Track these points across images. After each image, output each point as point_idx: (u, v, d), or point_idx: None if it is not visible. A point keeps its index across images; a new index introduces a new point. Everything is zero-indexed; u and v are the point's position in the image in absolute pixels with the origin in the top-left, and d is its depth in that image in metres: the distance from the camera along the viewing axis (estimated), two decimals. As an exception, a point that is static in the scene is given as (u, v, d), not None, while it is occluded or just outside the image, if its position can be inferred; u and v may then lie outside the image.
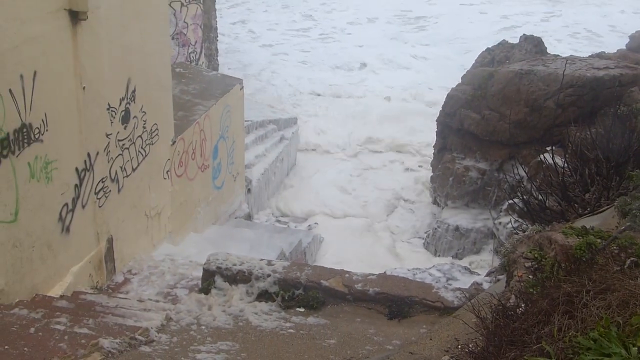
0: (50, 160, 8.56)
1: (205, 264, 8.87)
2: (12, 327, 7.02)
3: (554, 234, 3.46)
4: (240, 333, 7.39)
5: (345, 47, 30.55)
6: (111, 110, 9.92)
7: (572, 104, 15.14)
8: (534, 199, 10.74)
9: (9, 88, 7.64)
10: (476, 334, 3.40)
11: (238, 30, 32.99)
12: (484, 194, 16.38)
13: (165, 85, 11.81)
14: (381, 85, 26.41)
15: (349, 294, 8.23)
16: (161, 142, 11.77)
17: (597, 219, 7.40)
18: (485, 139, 16.38)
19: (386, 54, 29.96)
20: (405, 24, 34.71)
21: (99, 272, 10.08)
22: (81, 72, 8.93)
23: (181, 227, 13.07)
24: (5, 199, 7.82)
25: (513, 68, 16.41)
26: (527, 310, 3.11)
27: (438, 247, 16.44)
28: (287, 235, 14.20)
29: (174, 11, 17.48)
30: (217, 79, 16.20)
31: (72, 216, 9.21)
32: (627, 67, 15.70)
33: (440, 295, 8.15)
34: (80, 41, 8.78)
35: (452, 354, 4.20)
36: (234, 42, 30.95)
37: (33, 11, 7.89)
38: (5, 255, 7.96)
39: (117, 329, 7.27)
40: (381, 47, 30.66)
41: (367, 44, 31.01)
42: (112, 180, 10.24)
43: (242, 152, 16.29)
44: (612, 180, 8.87)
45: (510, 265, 3.81)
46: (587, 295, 3.00)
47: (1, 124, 7.58)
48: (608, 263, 3.27)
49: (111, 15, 9.47)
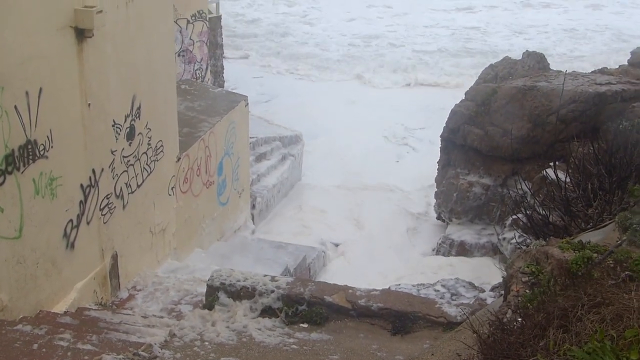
0: (55, 176, 8.57)
1: (209, 280, 8.86)
2: (16, 343, 7.01)
3: (551, 249, 3.45)
4: (244, 349, 7.37)
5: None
6: (116, 127, 9.94)
7: (575, 120, 15.13)
8: (537, 214, 10.72)
9: (15, 104, 7.67)
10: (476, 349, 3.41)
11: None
12: (488, 210, 16.33)
13: (170, 102, 11.85)
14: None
15: (352, 310, 8.20)
16: (166, 159, 11.78)
17: (599, 234, 7.36)
18: (488, 155, 16.36)
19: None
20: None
21: (104, 289, 10.06)
22: (86, 89, 8.97)
23: (186, 243, 13.06)
24: (10, 215, 7.83)
25: (516, 84, 16.41)
26: (523, 324, 3.11)
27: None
28: (291, 251, 14.17)
29: (180, 28, 17.56)
30: (222, 96, 16.26)
31: (76, 232, 9.21)
32: (629, 83, 15.70)
33: (443, 311, 8.12)
34: (85, 58, 8.83)
35: (453, 369, 4.18)
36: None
37: (39, 28, 7.94)
38: (10, 272, 7.95)
39: (120, 345, 7.25)
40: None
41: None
42: (117, 197, 10.24)
43: (247, 168, 16.30)
44: (615, 195, 8.84)
45: (508, 280, 3.80)
46: (582, 309, 3.01)
47: (6, 140, 7.60)
48: (603, 277, 3.27)
49: (117, 33, 9.53)
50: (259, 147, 18.42)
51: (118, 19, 9.51)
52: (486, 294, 9.59)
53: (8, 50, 7.43)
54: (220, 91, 17.27)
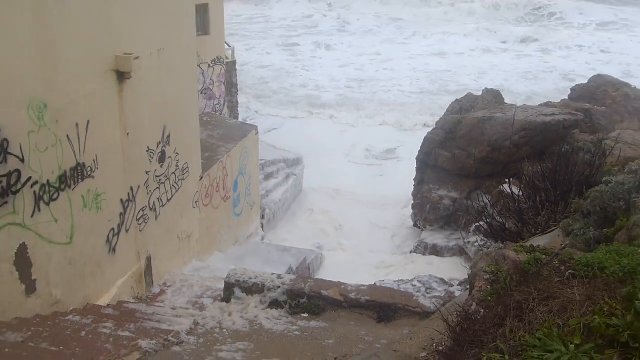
0: (100, 193, 8.57)
1: (227, 278, 8.83)
2: (67, 330, 6.98)
3: (508, 252, 3.45)
4: (255, 335, 7.33)
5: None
6: (150, 152, 9.95)
7: (526, 144, 15.16)
8: (496, 222, 10.72)
9: (67, 134, 7.70)
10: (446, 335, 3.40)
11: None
12: (456, 218, 16.33)
13: (194, 131, 11.87)
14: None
15: (344, 302, 8.17)
16: (191, 178, 11.79)
17: (547, 238, 7.36)
18: (455, 173, 16.38)
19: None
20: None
21: (140, 285, 10.03)
22: (125, 121, 8.99)
23: (207, 247, 13.03)
24: (63, 225, 7.82)
25: (477, 115, 16.46)
26: (485, 315, 3.09)
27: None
28: (294, 254, 14.12)
29: (202, 71, 17.62)
30: (237, 126, 16.29)
31: (117, 239, 9.20)
32: (569, 114, 15.76)
33: (420, 303, 8.09)
34: (125, 96, 8.86)
35: (428, 351, 4.16)
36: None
37: (87, 72, 7.98)
38: (62, 272, 7.94)
39: (153, 332, 7.23)
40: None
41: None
42: (151, 209, 10.23)
43: (257, 185, 16.31)
44: (559, 206, 8.86)
45: (472, 277, 3.78)
46: (534, 302, 2.99)
47: (60, 163, 7.62)
48: (551, 275, 3.26)
49: (151, 75, 9.56)
50: (267, 168, 18.42)
51: (151, 64, 9.55)
52: (455, 288, 9.56)
53: (62, 90, 7.46)
54: (235, 122, 17.32)
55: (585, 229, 5.91)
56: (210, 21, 17.63)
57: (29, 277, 7.36)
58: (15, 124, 6.81)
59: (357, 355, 6.46)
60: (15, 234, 7.04)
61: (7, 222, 6.88)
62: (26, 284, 7.33)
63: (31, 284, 7.41)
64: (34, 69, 7.00)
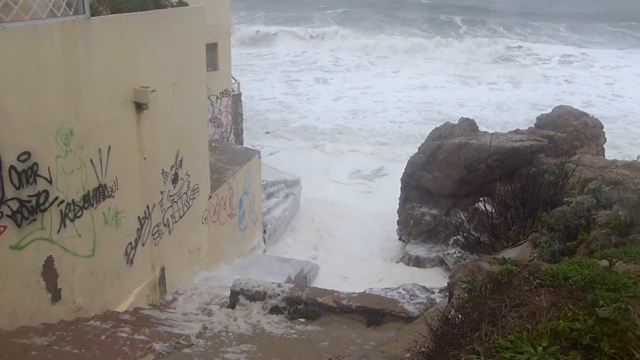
0: (119, 210, 8.54)
1: (232, 287, 8.79)
2: (88, 335, 6.91)
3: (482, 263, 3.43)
4: (258, 338, 7.28)
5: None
6: (164, 174, 9.94)
7: (498, 167, 15.22)
8: (471, 236, 10.73)
9: (90, 158, 7.70)
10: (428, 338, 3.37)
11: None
12: (436, 233, 16.32)
13: (204, 155, 11.87)
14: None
15: (337, 308, 8.13)
16: (201, 197, 11.76)
17: (517, 250, 7.37)
18: (435, 193, 16.40)
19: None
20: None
21: (154, 293, 9.95)
22: (143, 146, 8.99)
23: (215, 259, 12.95)
24: (86, 239, 7.79)
25: (455, 141, 16.54)
26: (463, 320, 3.07)
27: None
28: (293, 264, 14.04)
29: (211, 102, 17.67)
30: (242, 151, 16.29)
31: (134, 252, 9.14)
32: (535, 140, 15.84)
33: (404, 308, 8.06)
34: (142, 124, 8.88)
35: (412, 352, 4.13)
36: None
37: (109, 102, 8.01)
38: (85, 281, 7.88)
39: (166, 335, 7.16)
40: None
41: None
42: (165, 225, 10.19)
43: (260, 203, 16.26)
44: (527, 222, 8.87)
45: (451, 286, 3.76)
46: (506, 308, 2.97)
47: (84, 184, 7.60)
48: (521, 284, 3.24)
49: (166, 106, 9.59)
50: (268, 188, 18.38)
51: (166, 96, 9.59)
52: (435, 295, 9.51)
53: (86, 118, 7.47)
54: (240, 147, 17.32)
55: (551, 243, 5.91)
56: (218, 58, 17.74)
57: (55, 286, 7.30)
58: (44, 149, 6.81)
59: (349, 356, 6.41)
60: (42, 248, 7.00)
61: (35, 237, 6.85)
62: (52, 293, 7.27)
63: (56, 292, 7.35)
64: (62, 100, 7.02)
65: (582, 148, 17.18)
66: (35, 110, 6.60)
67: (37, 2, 6.60)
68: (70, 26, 7.02)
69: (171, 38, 9.68)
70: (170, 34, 9.65)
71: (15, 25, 6.26)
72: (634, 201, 5.44)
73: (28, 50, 6.41)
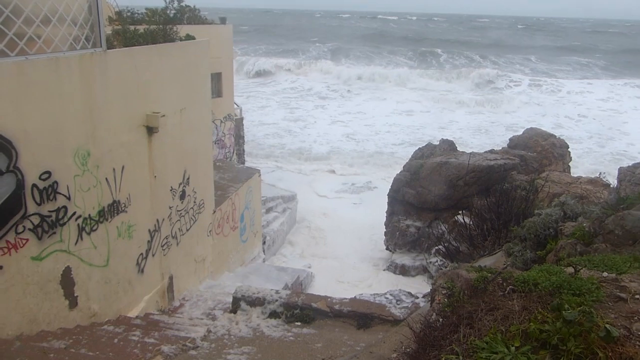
0: (132, 224, 8.50)
1: (234, 293, 8.72)
2: (102, 338, 6.83)
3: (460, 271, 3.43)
4: (257, 340, 7.22)
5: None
6: (173, 191, 9.92)
7: (475, 183, 15.29)
8: (451, 245, 10.73)
9: (105, 177, 7.67)
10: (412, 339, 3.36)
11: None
12: (420, 243, 16.32)
13: (209, 174, 11.86)
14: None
15: (330, 312, 8.08)
16: (206, 212, 11.72)
17: (492, 259, 7.36)
18: (419, 207, 16.44)
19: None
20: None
21: (163, 300, 9.87)
22: (153, 166, 8.98)
23: (219, 268, 12.88)
24: (101, 250, 7.74)
25: (436, 160, 16.62)
26: (443, 323, 3.06)
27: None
28: (289, 272, 13.98)
29: (216, 126, 17.70)
30: (243, 170, 16.29)
31: (145, 262, 9.08)
32: (508, 159, 15.95)
33: (391, 312, 8.02)
34: (153, 146, 8.88)
35: (398, 353, 4.10)
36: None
37: (123, 127, 8.01)
38: (100, 289, 7.81)
39: (174, 339, 7.09)
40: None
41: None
42: (173, 237, 10.14)
43: (260, 217, 16.22)
44: (502, 233, 8.89)
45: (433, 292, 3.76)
46: (482, 312, 2.97)
47: (99, 200, 7.57)
48: (495, 290, 3.24)
49: (174, 129, 9.61)
50: (267, 203, 18.36)
51: (175, 121, 9.61)
52: (420, 300, 9.48)
53: (102, 141, 7.47)
54: (242, 167, 17.32)
55: (523, 251, 5.92)
56: (222, 86, 17.81)
57: (72, 294, 7.24)
58: (64, 169, 6.79)
59: (341, 357, 6.36)
60: (61, 259, 6.95)
61: (55, 249, 6.81)
62: (69, 300, 7.20)
63: (73, 299, 7.28)
64: (80, 125, 7.02)
65: (550, 166, 17.29)
66: (56, 133, 6.60)
67: (58, 36, 6.64)
68: (89, 58, 7.05)
69: (179, 68, 9.73)
70: (179, 65, 9.71)
71: (39, 57, 6.29)
72: (597, 214, 5.46)
73: (50, 80, 6.43)
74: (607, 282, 3.38)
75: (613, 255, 4.13)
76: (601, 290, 3.22)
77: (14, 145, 6.02)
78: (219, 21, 17.76)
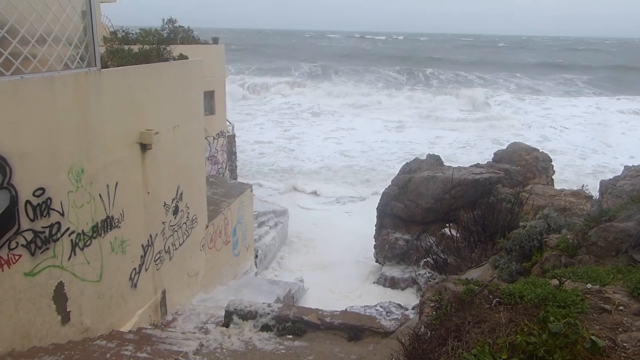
0: (125, 239, 8.40)
1: (227, 307, 8.62)
2: (94, 353, 6.70)
3: (448, 284, 3.41)
4: (250, 354, 7.11)
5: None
6: (166, 206, 9.84)
7: (461, 197, 15.34)
8: (439, 257, 10.71)
9: (99, 193, 7.59)
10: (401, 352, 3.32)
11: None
12: (409, 255, 16.29)
13: (202, 189, 11.79)
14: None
15: (321, 325, 8.00)
16: (199, 226, 11.63)
17: (479, 270, 7.36)
18: (407, 220, 16.44)
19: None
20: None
21: (156, 314, 9.72)
22: (147, 182, 8.91)
23: (211, 282, 12.75)
24: (94, 266, 7.63)
25: (423, 174, 16.68)
26: (431, 335, 3.03)
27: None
28: (281, 286, 13.86)
29: (209, 142, 17.67)
30: (236, 185, 16.22)
31: (138, 277, 8.96)
32: (493, 172, 16.04)
33: (381, 324, 7.95)
34: (146, 162, 8.82)
35: (388, 365, 4.06)
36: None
37: (117, 144, 7.95)
38: (93, 304, 7.68)
39: (166, 353, 6.97)
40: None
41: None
42: (166, 252, 10.04)
43: (252, 231, 16.13)
44: (488, 245, 8.90)
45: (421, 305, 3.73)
46: (469, 325, 2.94)
47: (93, 216, 7.48)
48: (482, 303, 3.22)
49: (168, 146, 9.56)
50: (259, 217, 18.27)
51: (168, 137, 9.57)
52: (409, 312, 9.43)
53: (96, 158, 7.41)
54: (234, 182, 17.25)
55: (509, 264, 5.92)
56: (215, 104, 17.83)
57: (65, 309, 7.11)
58: (58, 185, 6.71)
59: (332, 369, 6.29)
60: (54, 274, 6.83)
61: (48, 264, 6.69)
62: (62, 315, 7.06)
63: (66, 315, 7.14)
64: (75, 142, 6.95)
65: (534, 179, 17.42)
66: (50, 151, 6.53)
67: (53, 56, 6.61)
68: (83, 77, 7.01)
69: (172, 87, 9.71)
70: (172, 83, 9.69)
71: (34, 76, 6.24)
72: (580, 226, 5.48)
73: (44, 99, 6.38)
74: (592, 294, 3.37)
75: (596, 267, 4.13)
76: (586, 302, 3.21)
77: (9, 162, 5.95)
78: (212, 41, 17.82)
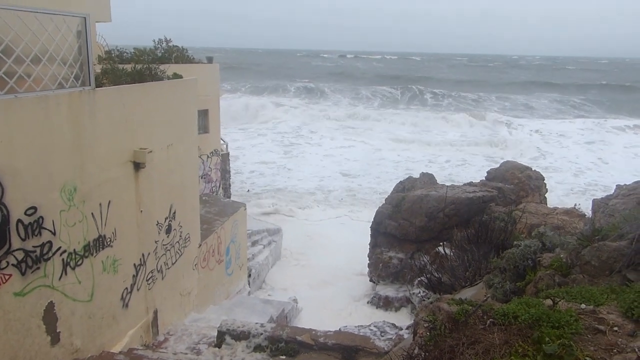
0: (117, 258, 8.33)
1: (219, 327, 8.54)
2: (84, 376, 6.57)
3: (442, 304, 3.39)
4: (242, 375, 7.01)
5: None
6: (159, 225, 9.78)
7: (455, 215, 15.36)
8: (433, 277, 10.66)
9: (92, 212, 7.55)
10: (396, 373, 3.29)
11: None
12: (403, 274, 16.23)
13: (195, 208, 11.74)
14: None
15: (315, 345, 7.92)
16: (192, 245, 11.56)
17: (473, 290, 7.33)
18: (401, 238, 16.42)
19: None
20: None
21: (147, 334, 9.59)
22: (140, 201, 8.87)
23: (204, 301, 12.62)
24: (86, 285, 7.54)
25: (417, 193, 16.70)
26: (425, 357, 3.00)
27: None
28: (275, 305, 13.74)
29: (202, 160, 17.65)
30: (229, 204, 16.17)
31: (130, 296, 8.86)
32: (486, 191, 16.09)
33: (375, 344, 7.89)
34: (140, 181, 8.79)
35: (382, 386, 4.01)
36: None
37: (110, 162, 7.93)
38: (83, 324, 7.57)
39: (157, 374, 6.85)
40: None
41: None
42: (158, 271, 9.95)
43: (245, 250, 16.04)
44: (482, 264, 8.86)
45: (415, 325, 3.70)
46: (463, 346, 2.92)
47: (85, 235, 7.42)
48: (476, 323, 3.20)
49: (161, 165, 9.54)
50: (253, 236, 18.19)
51: (162, 156, 9.56)
52: (403, 331, 9.38)
53: (89, 176, 7.38)
54: (228, 201, 17.20)
55: (503, 283, 5.90)
56: (209, 122, 17.86)
57: (54, 329, 7.00)
58: (50, 204, 6.67)
59: (326, 391, 6.21)
60: (44, 294, 6.75)
61: (38, 284, 6.61)
62: (51, 336, 6.96)
63: (56, 335, 7.03)
64: (68, 161, 6.93)
65: (527, 197, 17.49)
66: (43, 169, 6.51)
67: (48, 75, 6.62)
68: (78, 96, 7.03)
69: (166, 105, 9.74)
70: (166, 102, 9.72)
71: (28, 95, 6.25)
72: (573, 245, 5.49)
73: (38, 118, 6.38)
74: (586, 314, 3.37)
75: (590, 287, 4.13)
76: (580, 322, 3.20)
77: (1, 181, 5.91)
78: (206, 60, 17.93)
